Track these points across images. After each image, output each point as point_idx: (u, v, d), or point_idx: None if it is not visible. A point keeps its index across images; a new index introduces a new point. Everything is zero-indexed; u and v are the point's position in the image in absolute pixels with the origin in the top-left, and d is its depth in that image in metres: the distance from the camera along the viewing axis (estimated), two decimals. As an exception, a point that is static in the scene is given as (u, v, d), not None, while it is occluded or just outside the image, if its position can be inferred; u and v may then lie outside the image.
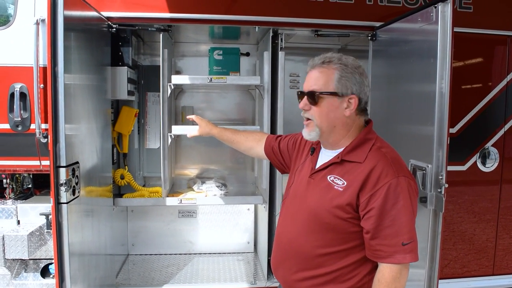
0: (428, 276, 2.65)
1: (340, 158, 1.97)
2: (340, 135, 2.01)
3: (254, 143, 2.68)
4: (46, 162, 3.43)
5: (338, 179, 1.93)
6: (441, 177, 2.56)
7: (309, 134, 2.03)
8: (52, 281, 3.57)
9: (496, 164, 4.03)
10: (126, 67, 3.68)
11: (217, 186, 4.13)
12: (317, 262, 1.96)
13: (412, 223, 1.80)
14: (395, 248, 1.79)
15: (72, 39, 2.67)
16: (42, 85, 3.32)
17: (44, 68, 3.28)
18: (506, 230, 4.18)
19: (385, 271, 1.81)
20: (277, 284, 3.82)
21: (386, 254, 1.80)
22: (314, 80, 1.98)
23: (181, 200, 3.85)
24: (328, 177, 1.97)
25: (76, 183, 2.70)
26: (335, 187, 1.93)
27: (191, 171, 4.73)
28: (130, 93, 3.77)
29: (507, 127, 4.03)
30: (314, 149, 2.16)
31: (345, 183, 1.90)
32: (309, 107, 1.99)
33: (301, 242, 2.01)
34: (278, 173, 3.77)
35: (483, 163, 4.01)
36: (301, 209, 2.05)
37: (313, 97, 1.95)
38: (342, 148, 2.00)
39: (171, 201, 3.84)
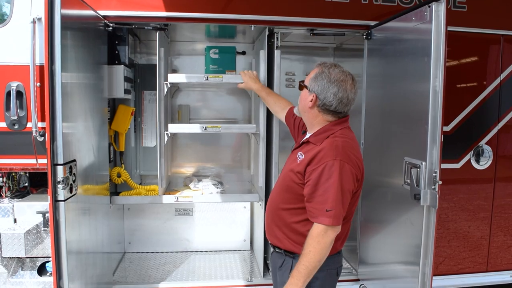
0: (422, 272, 2.68)
1: (307, 139, 2.53)
2: (309, 121, 2.56)
3: (279, 109, 3.33)
4: (42, 161, 3.45)
5: (302, 154, 2.48)
6: (435, 174, 2.59)
7: (295, 109, 2.74)
8: (48, 279, 3.59)
9: (490, 162, 4.06)
10: (122, 65, 3.68)
11: (213, 184, 4.15)
12: (281, 214, 2.55)
13: (338, 197, 2.26)
14: (320, 212, 2.28)
15: (69, 37, 2.67)
16: (38, 84, 3.33)
17: (41, 67, 3.29)
18: (500, 228, 4.22)
19: (314, 228, 2.31)
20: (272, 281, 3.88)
21: (314, 215, 2.31)
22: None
23: (177, 198, 3.87)
24: (298, 152, 2.52)
25: (73, 181, 2.71)
26: (297, 160, 2.49)
27: (188, 170, 4.74)
28: (126, 91, 3.78)
29: (500, 125, 4.06)
30: (305, 131, 2.69)
31: (303, 157, 2.44)
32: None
33: (274, 199, 2.65)
34: (274, 171, 3.79)
35: (477, 161, 4.04)
36: (281, 174, 2.66)
37: (299, 85, 2.60)
38: (313, 132, 2.52)
39: (168, 199, 3.86)
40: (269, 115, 3.82)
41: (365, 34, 3.71)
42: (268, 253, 4.01)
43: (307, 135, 2.58)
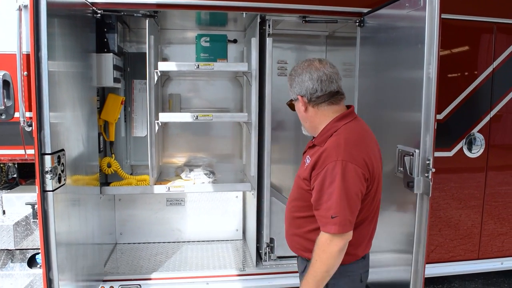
0: (415, 260, 2.68)
1: (312, 143, 2.36)
2: (314, 126, 2.38)
3: None
4: (31, 151, 3.39)
5: (309, 158, 2.30)
6: (428, 162, 2.58)
7: (303, 131, 2.51)
8: (39, 271, 3.54)
9: (482, 150, 4.07)
10: (111, 53, 3.62)
11: (205, 174, 4.11)
12: (297, 223, 2.39)
13: (343, 201, 2.09)
14: (326, 219, 2.12)
15: (55, 25, 2.62)
16: (25, 73, 3.26)
17: (28, 55, 3.22)
18: (490, 216, 4.24)
19: (321, 236, 2.16)
20: (266, 270, 3.88)
21: (322, 223, 2.16)
22: None
23: (169, 188, 3.84)
24: (307, 156, 2.34)
25: (62, 171, 2.66)
26: (305, 164, 2.31)
27: (179, 159, 4.71)
28: (116, 80, 3.72)
29: (493, 113, 4.07)
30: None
31: (309, 161, 2.27)
32: None
33: (288, 207, 2.48)
34: (266, 160, 3.77)
35: (469, 149, 4.05)
36: (294, 181, 2.46)
37: (289, 105, 2.50)
38: (318, 133, 2.35)
39: (159, 189, 3.83)
40: (261, 104, 3.79)
41: (358, 21, 3.67)
42: (260, 243, 4.01)
43: (313, 139, 2.43)
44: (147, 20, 3.52)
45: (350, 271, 2.32)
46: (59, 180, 2.62)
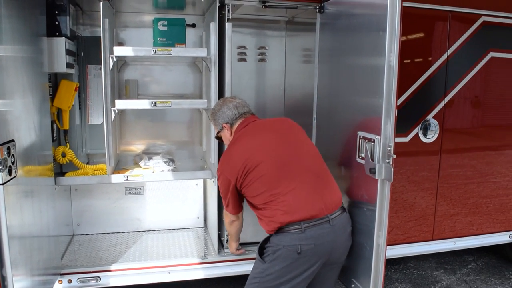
0: (377, 243, 2.74)
1: None
2: None
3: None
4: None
5: None
6: (389, 148, 2.62)
7: None
8: (-10, 267, 3.38)
9: (436, 135, 4.20)
10: (64, 37, 3.45)
11: (164, 162, 4.03)
12: None
13: (222, 194, 3.03)
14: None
15: (1, 6, 2.45)
16: None
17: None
18: (443, 198, 4.40)
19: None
20: (227, 258, 3.86)
21: None
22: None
23: (127, 177, 3.74)
24: None
25: (13, 163, 2.52)
26: None
27: (137, 147, 4.59)
28: (69, 65, 3.56)
29: (446, 99, 4.20)
30: None
31: None
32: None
33: None
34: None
35: (424, 135, 4.17)
36: None
37: (217, 138, 3.30)
38: None
39: (117, 178, 3.72)
40: (221, 90, 3.73)
41: (317, 7, 3.65)
42: (222, 230, 3.99)
43: None
44: (101, 2, 3.36)
45: (285, 242, 2.68)
46: (10, 173, 2.48)
